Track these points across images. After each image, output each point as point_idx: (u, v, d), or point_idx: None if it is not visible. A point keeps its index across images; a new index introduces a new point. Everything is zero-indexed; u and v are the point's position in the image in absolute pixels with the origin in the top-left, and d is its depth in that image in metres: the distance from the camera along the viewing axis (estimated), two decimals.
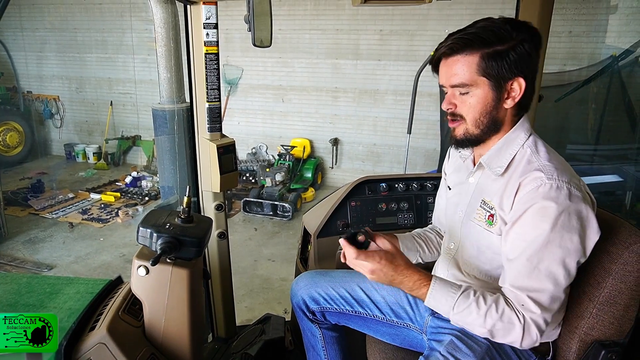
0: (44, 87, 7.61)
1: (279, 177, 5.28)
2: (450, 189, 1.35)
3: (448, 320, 1.25)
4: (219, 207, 1.72)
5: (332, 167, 6.17)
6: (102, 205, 5.53)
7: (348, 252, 1.09)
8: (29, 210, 5.33)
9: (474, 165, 1.24)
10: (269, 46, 1.67)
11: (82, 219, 5.11)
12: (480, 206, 1.17)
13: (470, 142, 1.15)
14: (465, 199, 1.24)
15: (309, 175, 5.83)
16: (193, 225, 1.16)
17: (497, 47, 1.05)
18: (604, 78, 4.50)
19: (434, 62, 1.15)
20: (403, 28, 5.45)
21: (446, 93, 1.15)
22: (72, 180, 6.62)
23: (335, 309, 1.48)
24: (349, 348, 1.59)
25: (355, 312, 1.47)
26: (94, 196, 5.79)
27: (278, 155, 5.99)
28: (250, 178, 5.92)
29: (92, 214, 5.29)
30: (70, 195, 5.83)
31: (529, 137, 1.14)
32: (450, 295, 1.07)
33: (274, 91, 6.27)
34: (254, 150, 6.37)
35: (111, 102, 7.24)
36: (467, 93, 1.09)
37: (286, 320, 2.03)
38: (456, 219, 1.27)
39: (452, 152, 1.37)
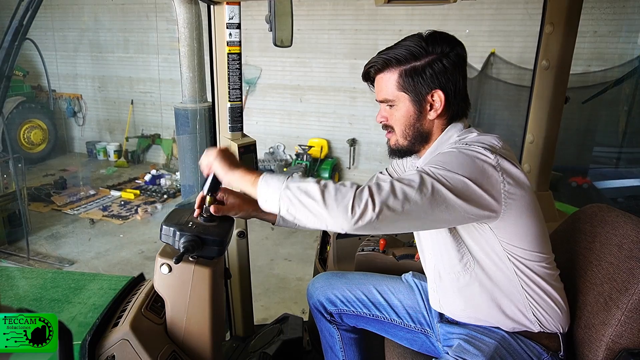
0: (67, 85, 7.77)
1: (295, 175, 5.30)
2: None
3: (456, 326, 1.26)
4: None
5: (350, 168, 6.15)
6: (122, 202, 5.63)
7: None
8: (52, 206, 5.46)
9: None
10: (290, 46, 1.68)
11: (103, 216, 5.20)
12: None
13: (401, 152, 1.22)
14: None
15: (326, 175, 5.83)
16: (215, 224, 1.17)
17: (413, 63, 1.12)
18: (631, 79, 4.39)
19: (367, 79, 1.22)
20: (422, 28, 5.35)
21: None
22: (93, 177, 6.75)
23: (353, 311, 1.47)
24: (367, 350, 1.59)
25: (373, 316, 1.46)
26: (114, 193, 5.90)
27: (295, 155, 6.00)
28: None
29: (112, 210, 5.38)
30: (92, 192, 5.95)
31: (462, 133, 1.16)
32: (283, 177, 1.06)
33: (292, 91, 6.29)
34: (271, 149, 6.39)
35: (132, 100, 7.36)
36: (393, 106, 1.17)
37: (304, 320, 2.03)
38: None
39: (407, 162, 1.39)
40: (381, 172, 1.47)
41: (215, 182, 1.16)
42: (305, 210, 0.97)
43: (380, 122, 1.22)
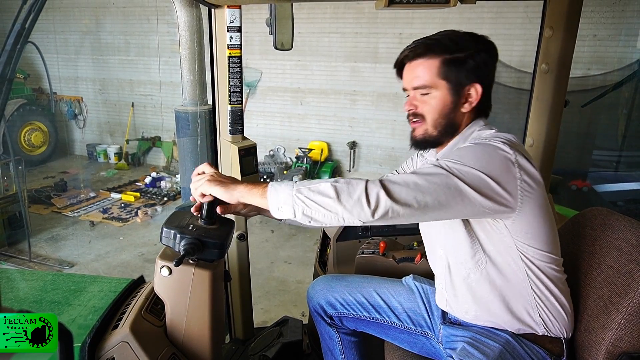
0: (68, 88, 7.79)
1: (296, 180, 5.31)
2: None
3: (460, 328, 1.25)
4: None
5: (350, 171, 6.16)
6: (122, 205, 5.63)
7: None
8: (52, 209, 5.46)
9: None
10: (290, 49, 1.68)
11: (103, 218, 5.21)
12: None
13: (428, 143, 1.20)
14: None
15: (326, 178, 5.83)
16: (216, 227, 1.17)
17: (456, 54, 1.12)
18: (630, 83, 4.40)
19: (398, 66, 1.21)
20: (423, 31, 5.32)
21: (408, 96, 1.20)
22: (93, 179, 6.76)
23: (353, 314, 1.47)
24: (367, 353, 1.58)
25: (373, 319, 1.46)
26: (115, 195, 5.91)
27: (296, 157, 6.01)
28: (268, 180, 5.96)
29: (113, 213, 5.38)
30: (92, 194, 5.95)
31: (482, 128, 1.17)
32: (289, 182, 1.06)
33: (292, 94, 6.30)
34: (271, 152, 6.40)
35: (132, 103, 7.37)
36: (428, 94, 1.15)
37: (304, 323, 2.03)
38: (433, 224, 1.28)
39: (418, 158, 1.39)
40: (392, 173, 1.47)
41: (213, 206, 1.14)
42: (321, 210, 0.98)
43: (409, 111, 1.19)
